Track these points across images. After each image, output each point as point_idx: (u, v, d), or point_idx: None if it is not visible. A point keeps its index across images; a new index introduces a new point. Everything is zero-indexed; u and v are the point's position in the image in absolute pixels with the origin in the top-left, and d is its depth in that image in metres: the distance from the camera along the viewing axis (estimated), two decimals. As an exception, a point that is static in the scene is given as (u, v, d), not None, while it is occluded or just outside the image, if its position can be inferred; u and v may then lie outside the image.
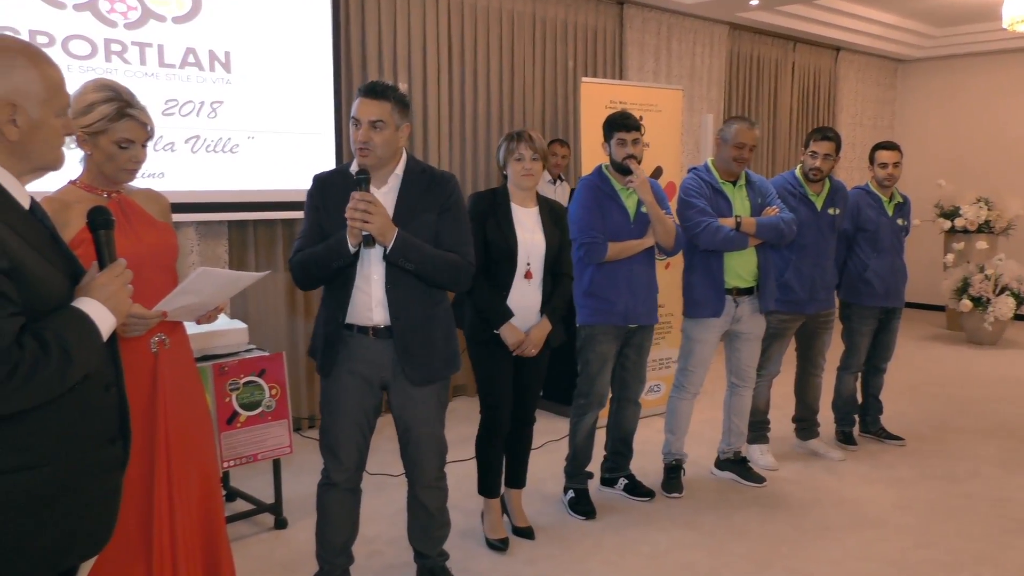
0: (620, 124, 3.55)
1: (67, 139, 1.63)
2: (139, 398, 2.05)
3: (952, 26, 8.80)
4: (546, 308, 3.20)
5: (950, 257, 8.01)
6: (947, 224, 8.23)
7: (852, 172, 8.78)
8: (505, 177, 3.25)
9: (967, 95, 9.20)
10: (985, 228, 8.04)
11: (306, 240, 2.59)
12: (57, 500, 1.50)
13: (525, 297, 3.16)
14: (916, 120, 9.60)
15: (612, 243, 3.52)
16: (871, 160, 4.52)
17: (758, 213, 3.81)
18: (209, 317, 2.26)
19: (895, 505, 3.83)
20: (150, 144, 2.20)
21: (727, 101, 7.58)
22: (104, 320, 1.55)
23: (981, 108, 9.09)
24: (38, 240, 1.53)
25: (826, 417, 4.69)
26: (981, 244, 7.89)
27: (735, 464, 4.10)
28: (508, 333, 3.11)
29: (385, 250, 2.49)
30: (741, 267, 3.80)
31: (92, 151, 2.07)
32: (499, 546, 3.33)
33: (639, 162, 3.54)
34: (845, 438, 4.65)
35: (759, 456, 4.27)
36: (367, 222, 2.40)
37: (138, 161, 2.12)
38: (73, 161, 2.17)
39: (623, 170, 3.54)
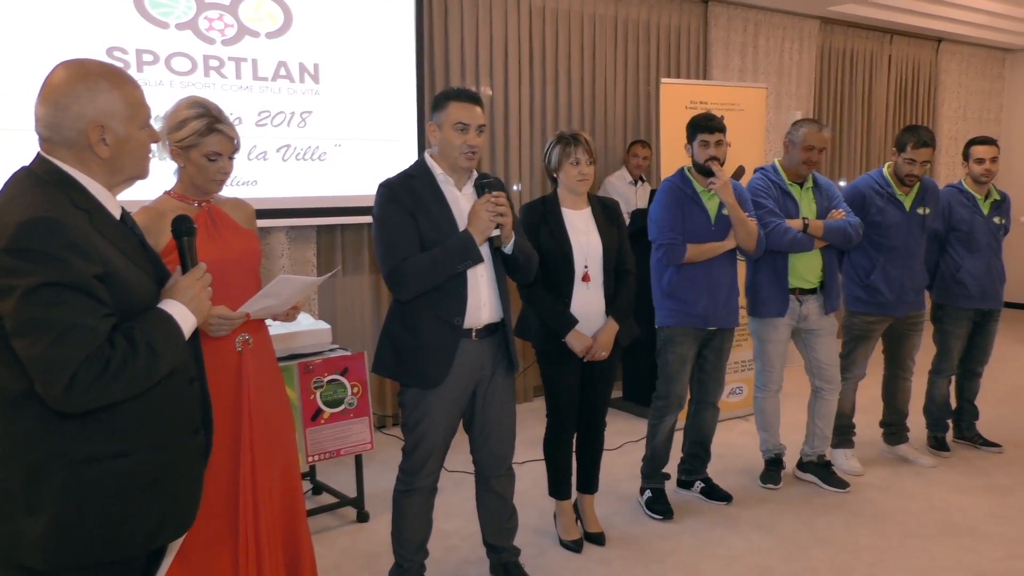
0: (703, 126, 3.55)
1: (153, 148, 1.77)
2: (225, 394, 2.20)
3: (1064, 12, 8.32)
4: (611, 309, 3.21)
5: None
6: (1055, 221, 7.77)
7: (954, 168, 8.42)
8: (554, 180, 3.26)
9: (1082, 84, 8.68)
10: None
11: (405, 246, 2.57)
12: (148, 485, 1.64)
13: (587, 301, 3.16)
14: (1025, 112, 9.12)
15: (692, 245, 3.51)
16: (965, 156, 4.35)
17: (824, 215, 3.77)
18: (287, 315, 2.39)
19: (988, 514, 3.68)
20: (244, 153, 2.35)
21: (817, 98, 7.39)
22: (186, 320, 1.68)
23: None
24: (128, 247, 1.68)
25: (917, 422, 4.53)
26: (1095, 242, 7.43)
27: (818, 467, 4.03)
28: (575, 340, 3.13)
29: (507, 246, 2.64)
30: (805, 269, 3.78)
31: (185, 163, 2.24)
32: (573, 547, 3.37)
33: (722, 164, 3.52)
34: (938, 444, 4.49)
35: (843, 461, 4.18)
36: (503, 224, 2.55)
37: (226, 172, 2.27)
38: (169, 173, 2.35)
39: (705, 172, 3.53)
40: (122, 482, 1.60)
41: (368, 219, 4.67)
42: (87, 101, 1.58)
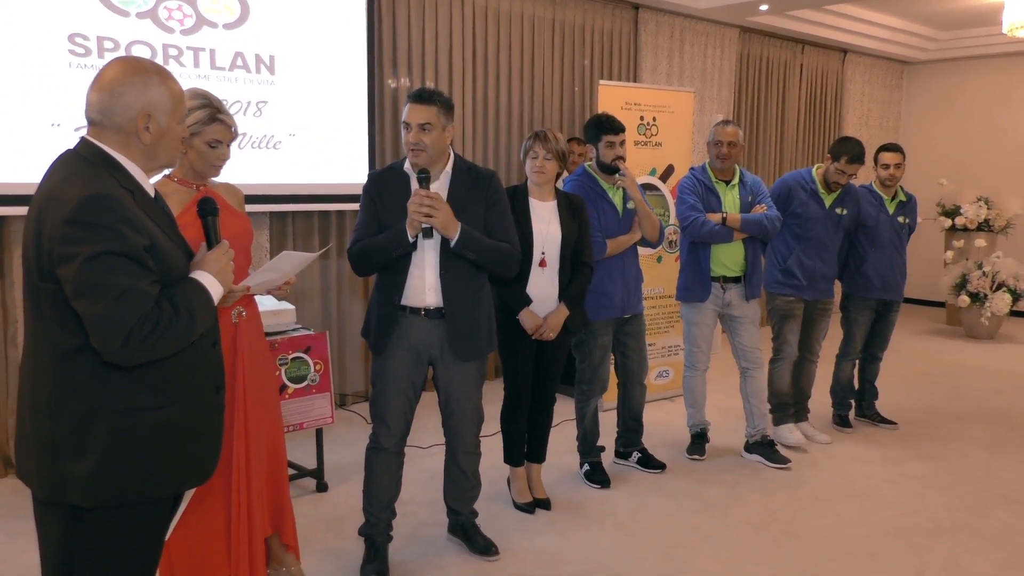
0: (608, 127, 3.81)
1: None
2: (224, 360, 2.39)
3: (957, 29, 9.07)
4: (564, 295, 3.50)
5: (950, 254, 8.30)
6: (948, 222, 8.51)
7: (862, 172, 9.04)
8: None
9: (970, 97, 9.47)
10: (984, 227, 8.32)
11: (364, 231, 2.90)
12: (179, 435, 1.84)
13: (541, 285, 3.46)
14: (921, 121, 9.87)
15: (609, 240, 3.81)
16: (875, 161, 4.82)
17: (748, 210, 4.17)
18: (280, 289, 2.60)
19: (885, 480, 4.16)
20: None
21: (737, 102, 7.89)
22: (215, 289, 1.89)
23: (983, 110, 9.36)
24: (163, 223, 1.87)
25: (823, 402, 5.01)
26: (980, 242, 8.17)
27: (761, 446, 4.35)
28: (526, 318, 3.43)
29: (451, 242, 2.80)
30: (728, 258, 4.18)
31: (187, 150, 2.42)
32: (527, 509, 3.67)
33: (624, 161, 3.83)
34: (841, 421, 4.98)
35: (787, 435, 4.54)
36: (431, 216, 2.72)
37: (224, 159, 2.47)
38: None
39: (609, 170, 3.83)
40: (158, 431, 1.81)
41: (320, 206, 4.92)
42: (139, 92, 1.77)
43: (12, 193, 3.77)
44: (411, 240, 2.79)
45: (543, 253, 3.45)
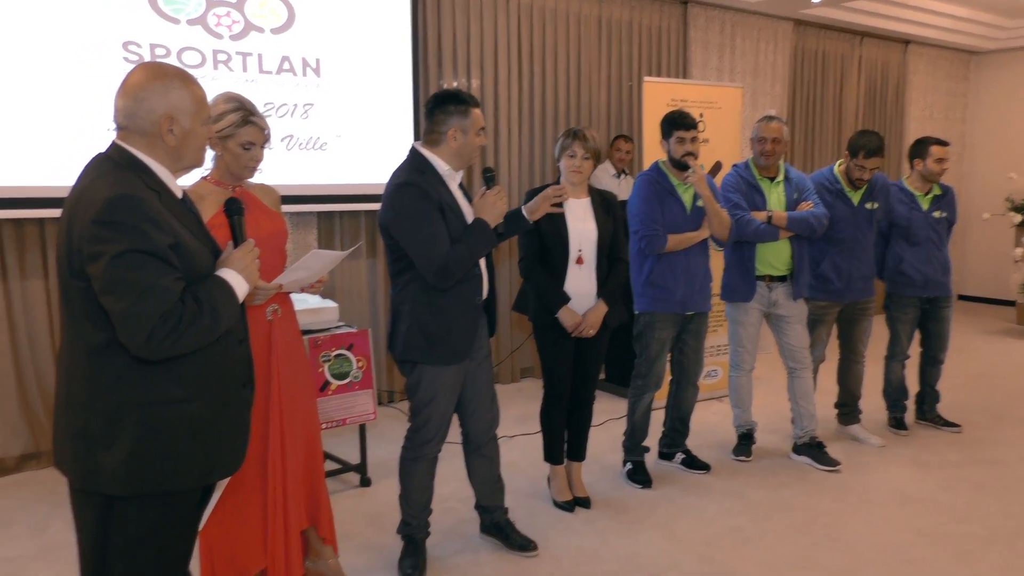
0: (680, 123, 3.80)
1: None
2: (257, 358, 2.43)
3: (1026, 18, 8.73)
4: (602, 291, 3.50)
5: (1019, 251, 7.97)
6: (1018, 218, 8.17)
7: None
8: (560, 170, 3.54)
9: (1042, 87, 9.10)
10: (1056, 222, 7.98)
11: (445, 239, 2.74)
12: (207, 428, 1.90)
13: (580, 282, 3.46)
14: (989, 113, 9.52)
15: (671, 235, 3.79)
16: (920, 154, 4.59)
17: (793, 207, 4.07)
18: (313, 287, 2.65)
19: (939, 485, 4.02)
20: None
21: (791, 97, 7.73)
22: (240, 287, 1.94)
23: (1056, 101, 8.98)
24: (189, 223, 1.93)
25: (877, 405, 4.87)
26: (1051, 238, 7.84)
27: (810, 448, 4.26)
28: (566, 316, 3.42)
29: (498, 229, 2.92)
30: (774, 257, 4.09)
31: (222, 152, 2.49)
32: (566, 507, 3.67)
33: (696, 158, 3.80)
34: (897, 424, 4.83)
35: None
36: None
37: (258, 160, 2.53)
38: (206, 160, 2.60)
39: (681, 166, 3.80)
40: (185, 424, 1.86)
41: (366, 206, 4.98)
42: (161, 96, 1.84)
43: (70, 196, 3.94)
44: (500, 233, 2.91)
45: (580, 250, 3.45)
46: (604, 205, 3.55)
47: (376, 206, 4.93)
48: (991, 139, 9.34)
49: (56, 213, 3.91)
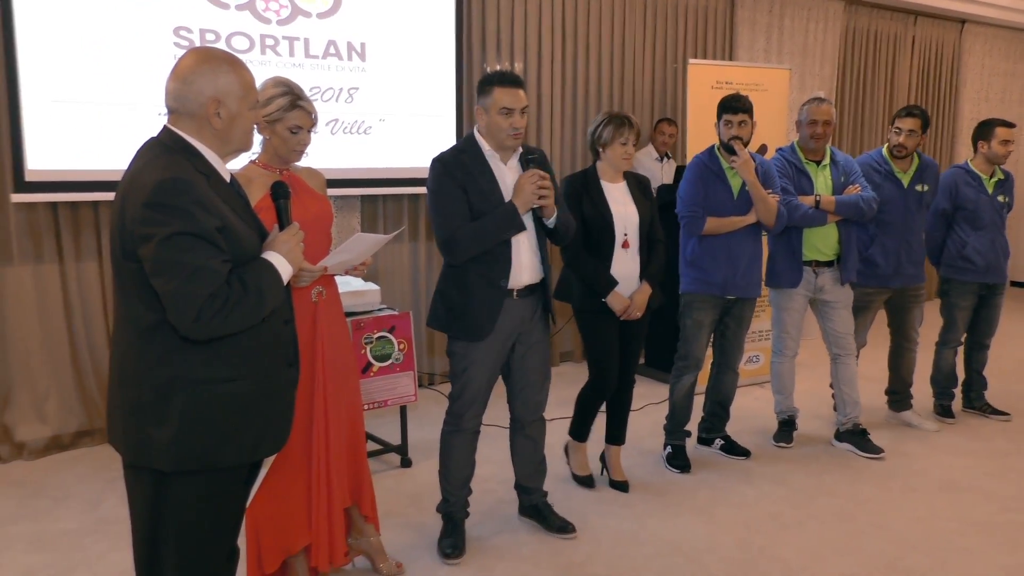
0: (727, 106, 3.78)
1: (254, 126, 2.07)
2: (303, 338, 2.49)
3: (1090, -5, 8.41)
4: (645, 273, 3.51)
5: (1076, 237, 7.74)
6: (1074, 202, 7.93)
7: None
8: (595, 155, 3.52)
9: (1105, 68, 8.78)
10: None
11: (458, 216, 2.83)
12: (254, 406, 1.95)
13: (625, 266, 3.47)
14: (1048, 94, 9.22)
15: (712, 218, 3.77)
16: (984, 136, 4.54)
17: (840, 191, 4.00)
18: (357, 269, 2.70)
19: (986, 473, 3.95)
20: None
21: (840, 78, 7.57)
22: (284, 269, 1.98)
23: (1120, 81, 8.66)
24: (237, 206, 1.98)
25: (923, 391, 4.79)
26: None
27: (853, 435, 4.22)
28: (615, 300, 3.44)
29: (551, 221, 2.92)
30: (821, 242, 4.04)
31: (270, 136, 2.53)
32: (587, 482, 3.74)
33: (746, 143, 3.76)
34: (943, 411, 4.75)
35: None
36: (545, 196, 2.82)
37: (305, 144, 2.57)
38: (255, 144, 2.65)
39: (730, 150, 3.77)
40: (233, 402, 1.91)
41: (409, 190, 5.03)
42: (210, 80, 1.88)
43: (122, 179, 4.04)
44: (522, 220, 2.87)
45: (625, 234, 3.45)
46: (640, 188, 3.57)
47: (419, 189, 5.05)
48: (1049, 121, 9.03)
49: (110, 196, 4.03)
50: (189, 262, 1.77)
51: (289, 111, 2.51)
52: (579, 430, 3.75)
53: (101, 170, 3.98)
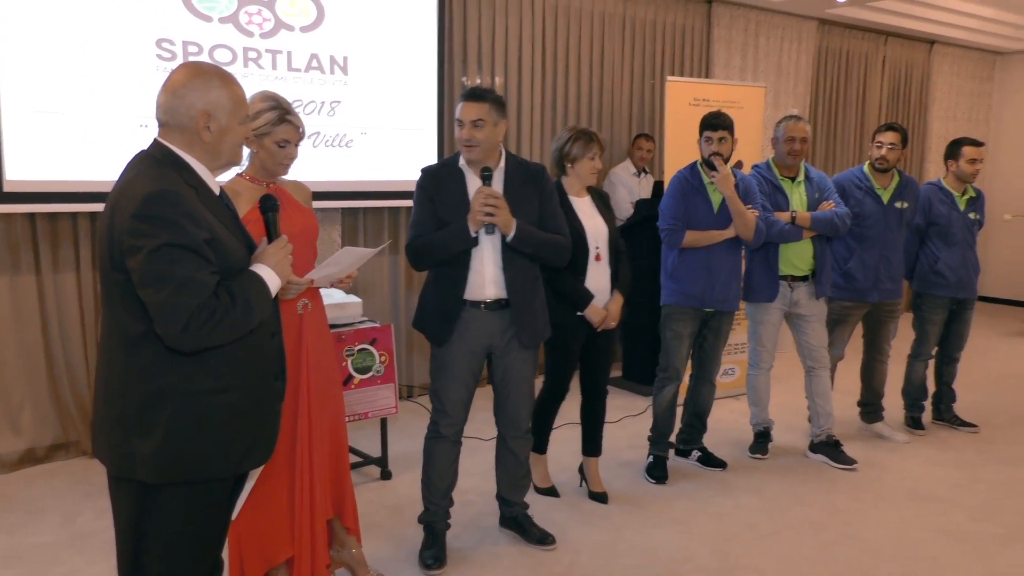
0: (708, 123, 3.87)
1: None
2: (288, 349, 2.50)
3: (1053, 18, 8.65)
4: (617, 284, 3.59)
5: (1042, 252, 7.94)
6: (1041, 219, 8.14)
7: (942, 167, 8.74)
8: (562, 170, 3.57)
9: (1068, 88, 9.02)
10: (1080, 224, 7.93)
11: (422, 227, 2.97)
12: (240, 418, 1.96)
13: (599, 279, 3.54)
14: (1013, 113, 9.45)
15: (691, 232, 3.85)
16: (954, 156, 4.67)
17: (815, 207, 4.10)
18: (342, 282, 2.72)
19: (956, 484, 4.04)
20: None
21: (814, 96, 7.72)
22: (272, 281, 2.01)
23: (1082, 102, 8.90)
24: (225, 219, 1.99)
25: (894, 403, 4.89)
26: (1075, 240, 7.79)
27: (827, 447, 4.29)
28: (593, 313, 3.50)
29: (505, 238, 2.91)
30: (796, 257, 4.13)
31: (257, 149, 2.56)
32: (550, 492, 3.80)
33: (726, 159, 3.84)
34: (914, 423, 4.85)
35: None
36: (492, 215, 2.83)
37: (292, 158, 2.60)
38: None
39: (710, 165, 3.85)
40: (219, 414, 1.92)
41: (390, 203, 5.08)
42: (201, 94, 1.90)
43: (106, 190, 4.01)
44: (473, 236, 2.88)
45: (597, 248, 3.52)
46: (603, 202, 3.66)
47: (399, 203, 5.08)
48: (1014, 140, 9.27)
49: (88, 207, 4.02)
50: (177, 274, 1.78)
51: (277, 125, 2.53)
52: (538, 441, 3.78)
53: (80, 181, 3.96)
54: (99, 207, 4.00)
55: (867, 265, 4.37)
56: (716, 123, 3.84)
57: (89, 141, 3.99)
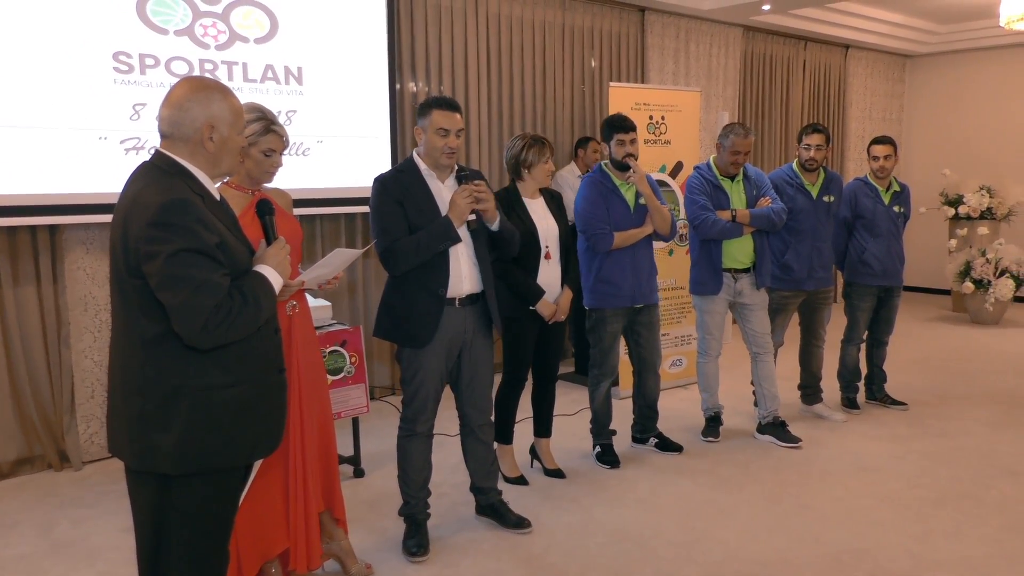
0: (619, 126, 4.04)
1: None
2: (281, 349, 2.63)
3: (956, 23, 9.25)
4: (567, 279, 3.83)
5: (953, 242, 8.49)
6: (951, 211, 8.69)
7: (861, 164, 9.26)
8: (516, 175, 3.76)
9: (971, 89, 9.65)
10: (987, 215, 8.50)
11: (395, 231, 3.03)
12: (250, 411, 2.08)
13: (549, 275, 3.77)
14: (923, 113, 10.06)
15: (617, 233, 4.04)
16: (868, 154, 5.04)
17: (753, 203, 4.39)
18: (330, 283, 2.84)
19: (892, 455, 4.37)
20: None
21: (742, 99, 8.10)
22: (276, 280, 2.13)
23: (984, 101, 9.54)
24: (229, 223, 2.11)
25: (831, 386, 5.22)
26: (983, 230, 8.36)
27: (773, 427, 4.57)
28: (544, 307, 3.72)
29: (493, 225, 3.12)
30: (738, 251, 4.41)
31: (244, 158, 2.66)
32: (520, 482, 3.98)
33: (636, 159, 4.06)
34: (849, 403, 5.19)
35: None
36: (483, 201, 3.03)
37: (277, 166, 2.71)
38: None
39: (622, 167, 4.05)
40: (232, 407, 2.04)
41: (346, 209, 5.17)
42: (204, 107, 2.02)
43: (65, 203, 4.04)
44: (457, 232, 3.04)
45: (547, 246, 3.74)
46: (555, 202, 3.87)
47: (355, 208, 5.18)
48: (925, 137, 9.89)
49: (48, 220, 4.03)
50: (194, 276, 1.90)
51: (263, 135, 2.64)
52: (503, 432, 3.96)
53: (39, 194, 3.97)
54: (58, 219, 4.06)
55: (801, 256, 4.68)
56: (627, 126, 4.03)
57: (48, 154, 3.99)
